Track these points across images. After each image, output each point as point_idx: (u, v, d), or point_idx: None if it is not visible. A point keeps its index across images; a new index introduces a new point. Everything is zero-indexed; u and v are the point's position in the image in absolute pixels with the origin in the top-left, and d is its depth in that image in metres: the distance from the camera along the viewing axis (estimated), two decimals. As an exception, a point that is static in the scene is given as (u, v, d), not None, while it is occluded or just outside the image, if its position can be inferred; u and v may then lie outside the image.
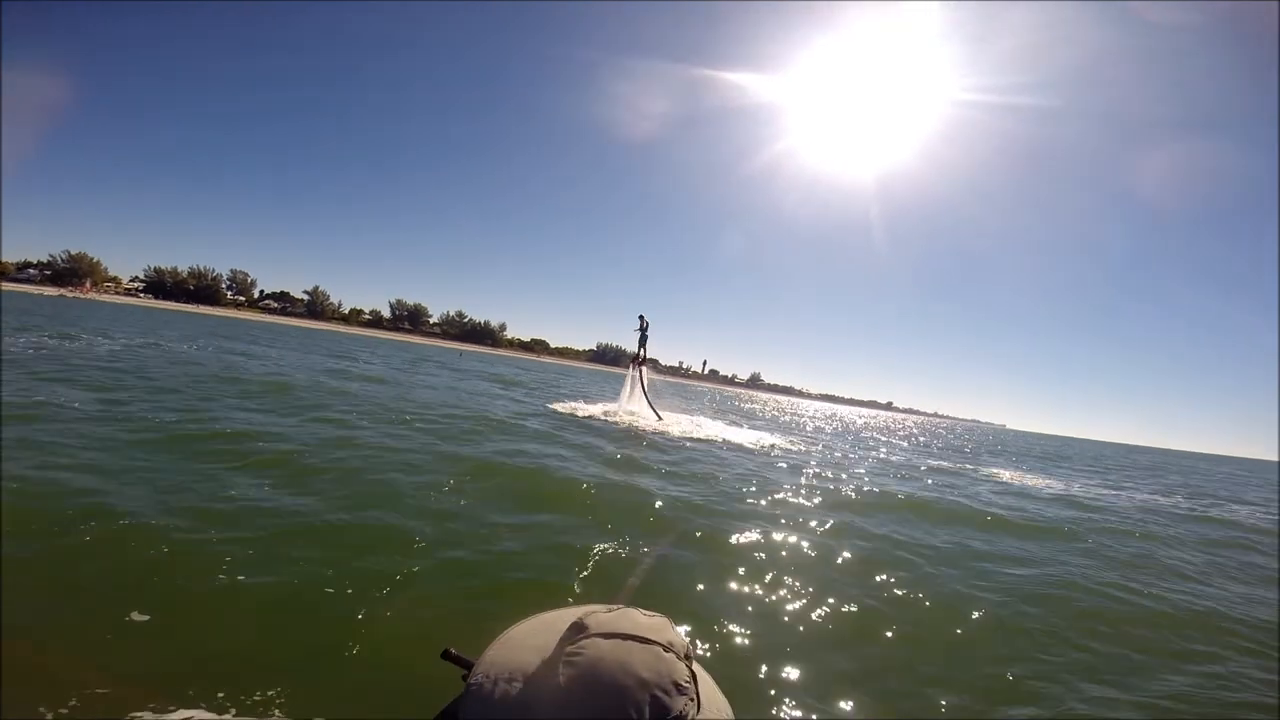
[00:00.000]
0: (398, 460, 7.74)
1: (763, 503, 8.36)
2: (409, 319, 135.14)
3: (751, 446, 15.39)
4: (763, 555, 5.88)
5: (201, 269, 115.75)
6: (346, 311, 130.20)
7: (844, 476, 12.17)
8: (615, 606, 0.70)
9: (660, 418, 17.34)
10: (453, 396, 17.45)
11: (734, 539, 6.26)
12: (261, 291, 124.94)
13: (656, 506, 7.27)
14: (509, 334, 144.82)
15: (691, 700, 0.63)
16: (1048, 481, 17.19)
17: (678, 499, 7.71)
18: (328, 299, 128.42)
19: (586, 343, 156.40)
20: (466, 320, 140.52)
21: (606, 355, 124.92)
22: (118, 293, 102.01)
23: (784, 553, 6.06)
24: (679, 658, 0.65)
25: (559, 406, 18.49)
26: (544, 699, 0.61)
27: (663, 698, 0.60)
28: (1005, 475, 17.41)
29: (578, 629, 0.66)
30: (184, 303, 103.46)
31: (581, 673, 0.61)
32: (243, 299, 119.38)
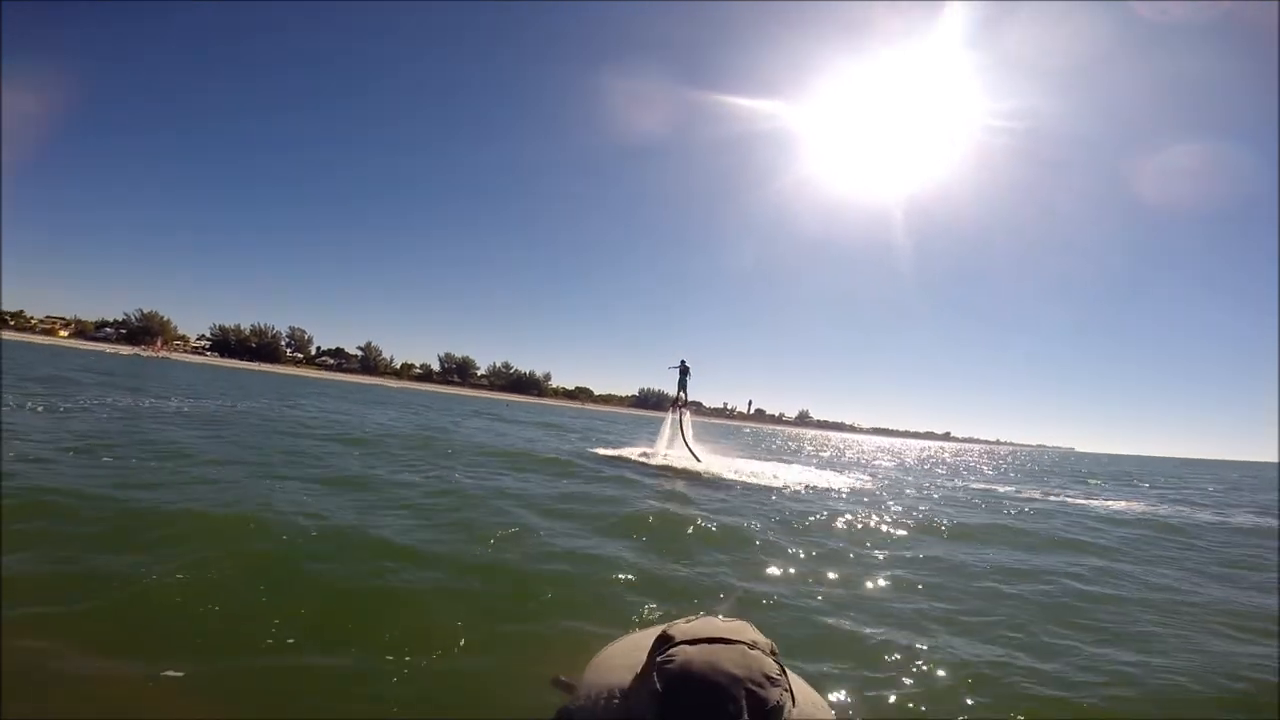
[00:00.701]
0: (492, 501, 8.28)
1: (833, 538, 8.32)
2: (457, 372, 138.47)
3: (807, 484, 15.13)
4: (845, 590, 5.87)
5: (262, 327, 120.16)
6: (398, 366, 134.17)
7: (917, 510, 11.88)
8: (695, 616, 0.75)
9: (699, 460, 17.21)
10: (512, 444, 17.89)
11: (808, 570, 6.29)
12: (318, 349, 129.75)
13: (721, 537, 7.41)
14: (553, 383, 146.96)
15: (785, 692, 0.67)
16: (1128, 504, 16.32)
17: (736, 534, 7.81)
18: (380, 354, 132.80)
19: (629, 389, 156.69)
20: (513, 371, 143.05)
21: (649, 400, 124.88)
22: (186, 351, 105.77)
23: (869, 589, 6.03)
24: (765, 653, 0.69)
25: (609, 451, 18.69)
26: (645, 709, 0.66)
27: (757, 690, 0.64)
28: (1093, 501, 16.61)
29: (664, 640, 0.71)
30: (247, 360, 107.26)
31: (674, 677, 0.66)
32: (301, 356, 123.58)
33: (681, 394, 19.53)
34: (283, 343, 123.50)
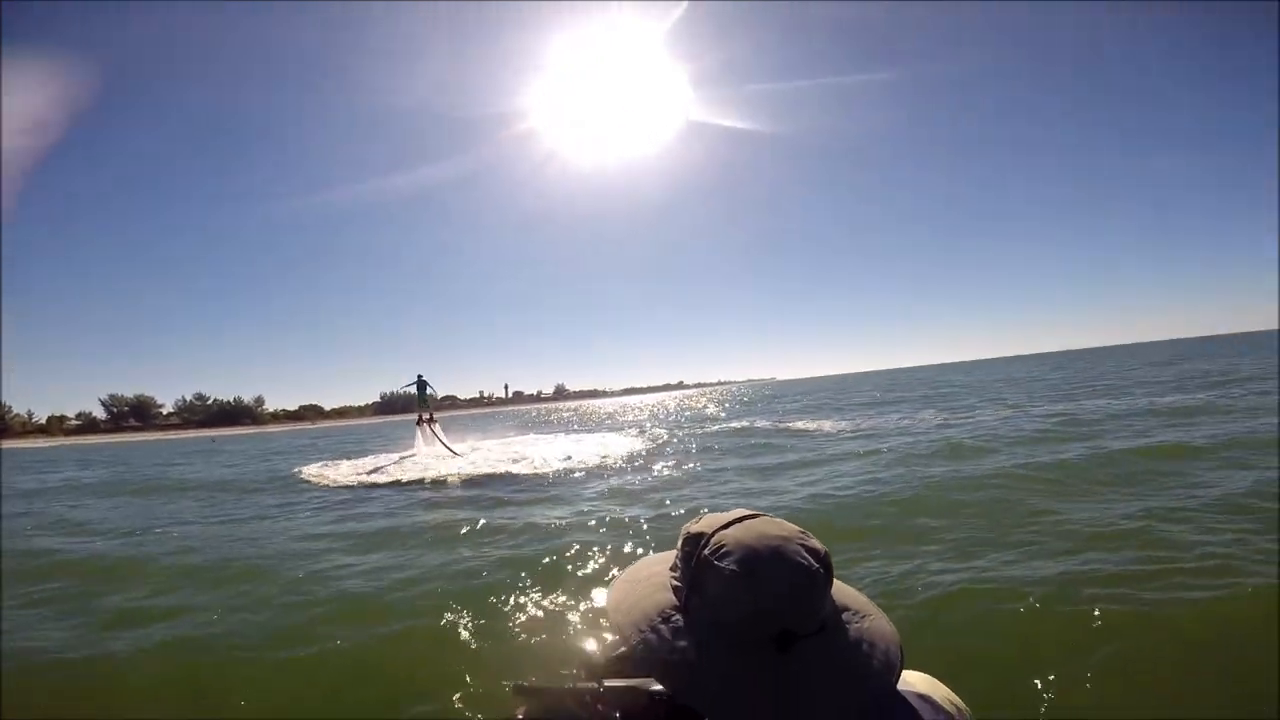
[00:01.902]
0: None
1: (615, 476, 8.63)
2: (134, 414, 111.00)
3: (566, 454, 14.90)
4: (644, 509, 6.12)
5: None
6: (44, 421, 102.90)
7: (677, 452, 13.03)
8: (698, 517, 0.70)
9: (456, 454, 16.85)
10: (255, 475, 14.74)
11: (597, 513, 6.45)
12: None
13: (506, 516, 7.12)
14: (270, 408, 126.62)
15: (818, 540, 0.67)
16: (825, 424, 20.32)
17: (525, 508, 7.66)
18: (10, 411, 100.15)
19: (369, 396, 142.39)
20: (211, 401, 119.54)
21: (395, 404, 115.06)
22: None
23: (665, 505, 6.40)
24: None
25: (358, 463, 16.74)
26: (725, 595, 0.61)
27: (809, 541, 0.65)
28: (808, 424, 20.15)
29: (695, 538, 0.66)
30: None
31: (742, 556, 0.62)
32: None
33: (424, 410, 19.86)
34: None
